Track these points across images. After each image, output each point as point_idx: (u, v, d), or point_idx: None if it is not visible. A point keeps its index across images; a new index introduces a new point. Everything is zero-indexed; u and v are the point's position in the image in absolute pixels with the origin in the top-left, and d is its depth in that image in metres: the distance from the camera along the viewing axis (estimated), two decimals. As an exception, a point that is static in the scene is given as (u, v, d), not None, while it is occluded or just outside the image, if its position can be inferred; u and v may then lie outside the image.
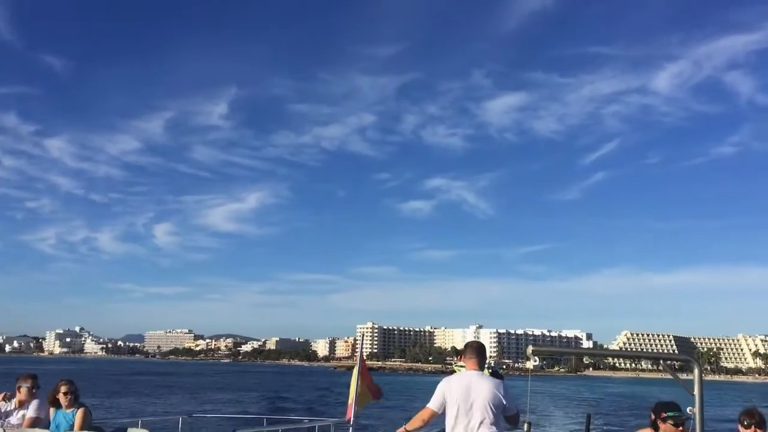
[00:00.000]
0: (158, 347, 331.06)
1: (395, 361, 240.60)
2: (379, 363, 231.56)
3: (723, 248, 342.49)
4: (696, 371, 6.71)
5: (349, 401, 10.30)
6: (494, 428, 5.74)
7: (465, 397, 5.77)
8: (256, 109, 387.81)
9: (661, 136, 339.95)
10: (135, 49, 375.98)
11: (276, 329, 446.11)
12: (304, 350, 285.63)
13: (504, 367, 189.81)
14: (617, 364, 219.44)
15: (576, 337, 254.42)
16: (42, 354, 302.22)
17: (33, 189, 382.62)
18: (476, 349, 6.07)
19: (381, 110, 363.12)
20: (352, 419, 10.03)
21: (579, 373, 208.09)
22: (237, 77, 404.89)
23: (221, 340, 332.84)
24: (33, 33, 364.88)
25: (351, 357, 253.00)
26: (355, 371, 10.30)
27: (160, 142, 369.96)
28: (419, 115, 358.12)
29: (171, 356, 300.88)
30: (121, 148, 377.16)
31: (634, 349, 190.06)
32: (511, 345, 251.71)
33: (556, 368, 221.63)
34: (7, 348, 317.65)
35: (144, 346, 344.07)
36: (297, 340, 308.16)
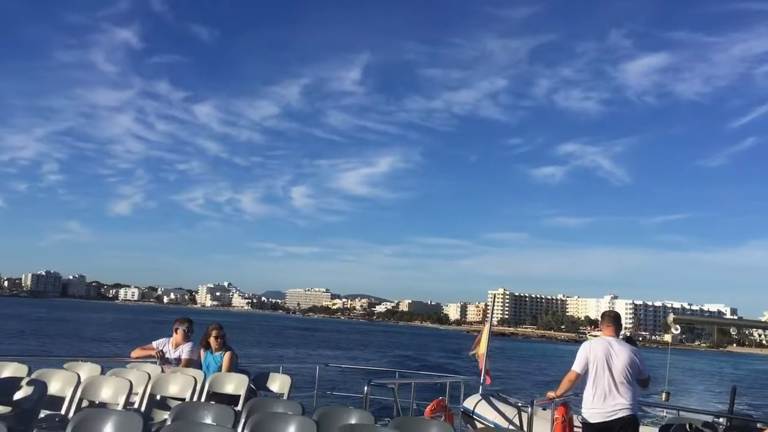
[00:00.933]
0: (298, 304, 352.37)
1: (527, 328, 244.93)
2: (511, 329, 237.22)
3: None
4: None
5: (483, 365, 10.46)
6: (631, 389, 6.46)
7: (605, 360, 6.45)
8: (388, 75, 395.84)
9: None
10: (274, 17, 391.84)
11: (407, 291, 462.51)
12: (436, 313, 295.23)
13: (640, 339, 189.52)
14: (765, 341, 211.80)
15: (719, 312, 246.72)
16: (195, 306, 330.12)
17: (183, 152, 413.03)
18: (613, 318, 6.86)
19: (513, 74, 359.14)
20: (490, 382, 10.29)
21: (722, 348, 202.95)
22: (370, 43, 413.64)
23: (356, 300, 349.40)
24: (182, 4, 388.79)
25: (482, 321, 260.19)
26: (485, 335, 10.83)
27: (296, 108, 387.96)
28: (553, 78, 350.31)
29: (310, 313, 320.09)
30: (261, 114, 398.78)
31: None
32: (648, 317, 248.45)
33: (697, 343, 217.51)
34: (165, 299, 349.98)
35: (285, 303, 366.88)
36: (429, 303, 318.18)
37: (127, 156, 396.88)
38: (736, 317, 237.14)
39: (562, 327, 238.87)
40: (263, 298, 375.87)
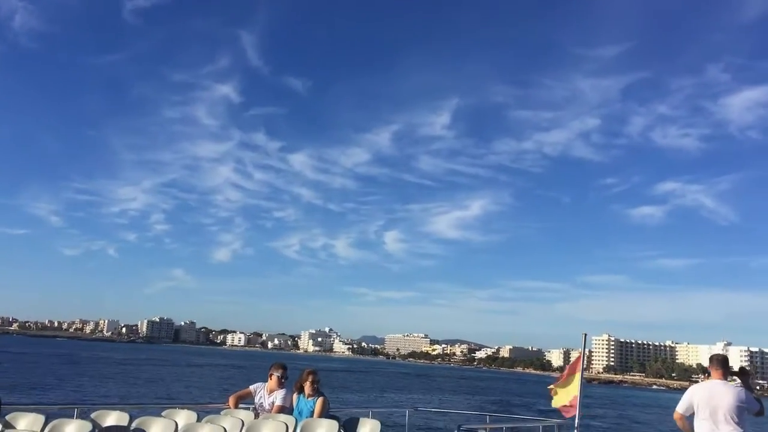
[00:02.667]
0: (397, 349, 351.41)
1: (635, 375, 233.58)
2: (619, 376, 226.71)
3: None
4: None
5: (571, 399, 10.26)
6: (737, 428, 6.68)
7: (708, 402, 6.76)
8: (478, 118, 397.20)
9: None
10: (364, 66, 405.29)
11: (505, 337, 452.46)
12: (538, 359, 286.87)
13: (758, 388, 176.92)
14: None
15: None
16: (298, 351, 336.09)
17: (279, 200, 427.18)
18: (720, 362, 7.12)
19: (605, 113, 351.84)
20: (576, 417, 10.04)
21: None
22: (459, 88, 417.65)
23: (456, 345, 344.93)
24: (277, 58, 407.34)
25: (587, 369, 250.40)
26: (578, 374, 10.34)
27: (388, 153, 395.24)
28: (647, 116, 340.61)
29: (410, 359, 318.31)
30: (353, 161, 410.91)
31: None
32: (766, 364, 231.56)
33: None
34: (270, 345, 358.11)
35: (384, 348, 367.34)
36: (530, 348, 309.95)
37: (227, 205, 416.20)
38: None
39: (673, 375, 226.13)
40: (363, 344, 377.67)
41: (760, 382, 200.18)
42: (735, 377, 7.39)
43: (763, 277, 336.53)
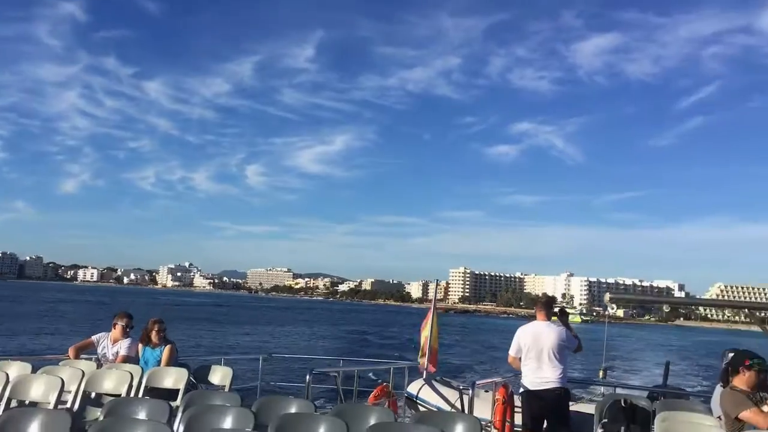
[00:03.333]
0: (260, 284, 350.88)
1: (487, 305, 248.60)
2: (473, 306, 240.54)
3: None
4: None
5: (426, 350, 10.01)
6: (559, 366, 7.18)
7: (534, 342, 7.23)
8: (342, 52, 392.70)
9: (765, 78, 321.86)
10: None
11: (368, 270, 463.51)
12: (398, 291, 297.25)
13: (594, 314, 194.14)
14: (709, 315, 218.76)
15: (668, 288, 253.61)
16: (156, 286, 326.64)
17: (134, 129, 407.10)
18: (544, 304, 7.60)
19: (467, 53, 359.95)
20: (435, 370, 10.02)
21: (670, 322, 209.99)
22: (324, 20, 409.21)
23: (319, 279, 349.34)
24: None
25: (444, 299, 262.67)
26: (431, 319, 10.21)
27: (249, 85, 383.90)
28: (506, 57, 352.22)
29: (273, 293, 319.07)
30: (213, 91, 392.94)
31: (726, 299, 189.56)
32: (602, 293, 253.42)
33: (647, 317, 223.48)
34: (125, 280, 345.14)
35: (246, 282, 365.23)
36: (391, 281, 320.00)
37: (74, 133, 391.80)
38: (683, 293, 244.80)
39: (521, 303, 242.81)
40: (224, 278, 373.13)
41: (597, 308, 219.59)
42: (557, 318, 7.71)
43: (603, 214, 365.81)
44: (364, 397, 8.28)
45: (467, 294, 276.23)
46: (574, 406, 7.64)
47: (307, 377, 7.06)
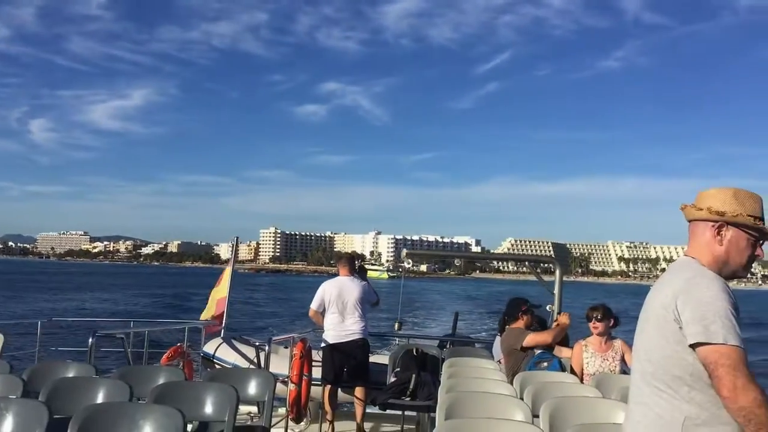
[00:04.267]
0: (52, 248, 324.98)
1: (298, 264, 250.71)
2: (284, 266, 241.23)
3: (601, 159, 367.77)
4: (557, 272, 7.85)
5: (218, 308, 9.86)
6: (361, 319, 7.50)
7: (338, 296, 7.44)
8: (140, 1, 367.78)
9: (552, 48, 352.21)
10: None
11: (176, 232, 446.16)
12: (207, 253, 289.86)
13: (401, 269, 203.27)
14: (501, 268, 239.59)
15: (466, 243, 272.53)
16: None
17: None
18: (348, 260, 7.95)
19: (274, 8, 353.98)
20: (223, 321, 9.80)
21: (467, 275, 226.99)
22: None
23: (120, 242, 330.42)
24: None
25: (254, 260, 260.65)
26: (227, 275, 9.99)
27: (32, 30, 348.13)
28: (314, 15, 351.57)
29: (68, 258, 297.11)
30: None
31: (515, 252, 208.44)
32: (407, 248, 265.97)
33: (447, 271, 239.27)
34: None
35: (36, 247, 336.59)
36: (199, 243, 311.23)
37: None
38: (480, 248, 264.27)
39: (332, 262, 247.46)
40: (9, 243, 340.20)
41: (403, 264, 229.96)
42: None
43: (408, 173, 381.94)
44: (157, 360, 7.95)
45: (278, 254, 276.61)
46: (371, 358, 7.90)
47: (90, 340, 6.56)
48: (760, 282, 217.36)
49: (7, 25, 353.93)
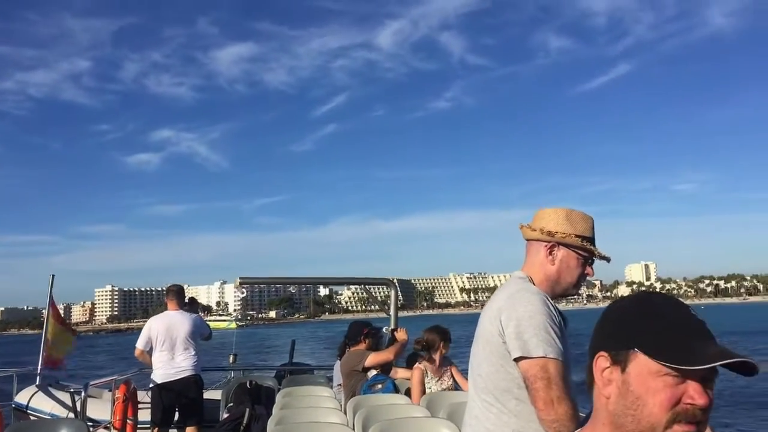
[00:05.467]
0: None
1: (139, 322, 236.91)
2: (125, 325, 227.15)
3: (442, 195, 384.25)
4: (392, 293, 8.31)
5: (48, 351, 9.13)
6: (192, 353, 7.14)
7: (167, 332, 7.06)
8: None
9: (385, 90, 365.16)
10: None
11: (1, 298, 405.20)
12: (36, 318, 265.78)
13: (249, 318, 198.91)
14: (349, 308, 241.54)
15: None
16: None
17: None
18: (176, 293, 7.42)
19: (97, 56, 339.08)
20: (63, 365, 9.38)
21: (317, 318, 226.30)
22: None
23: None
24: None
25: (90, 321, 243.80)
26: (51, 321, 9.42)
27: None
28: (141, 62, 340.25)
29: None
30: None
31: (361, 294, 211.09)
32: (254, 297, 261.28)
33: (297, 315, 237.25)
34: None
35: None
36: (26, 308, 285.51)
37: None
38: (327, 289, 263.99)
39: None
40: None
41: (251, 312, 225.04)
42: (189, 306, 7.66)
43: (251, 219, 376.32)
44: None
45: (116, 313, 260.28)
46: (205, 394, 7.57)
47: None
48: (585, 301, 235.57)
49: None
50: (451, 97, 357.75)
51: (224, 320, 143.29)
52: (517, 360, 2.24)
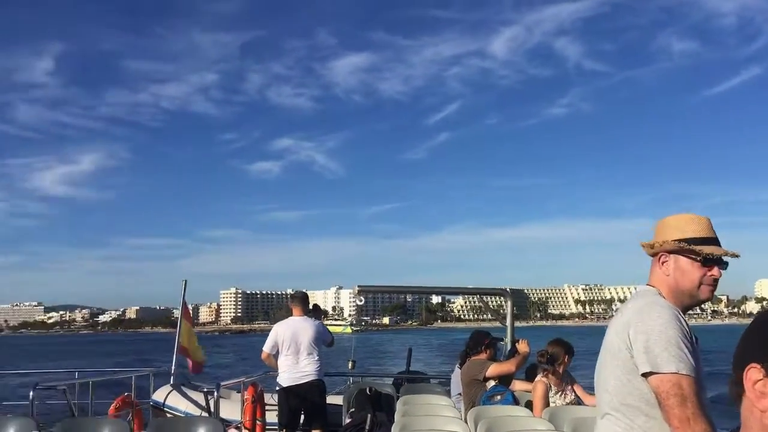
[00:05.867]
0: (5, 321, 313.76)
1: (261, 323, 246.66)
2: (247, 326, 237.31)
3: (556, 203, 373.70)
4: (508, 304, 8.23)
5: (192, 357, 9.84)
6: (316, 359, 7.28)
7: (292, 338, 7.22)
8: (87, 66, 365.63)
9: (499, 98, 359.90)
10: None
11: (133, 298, 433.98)
12: (167, 317, 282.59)
13: (364, 323, 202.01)
14: (462, 316, 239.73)
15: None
16: None
17: None
18: (300, 300, 7.58)
19: (224, 69, 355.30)
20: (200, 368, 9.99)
21: (429, 325, 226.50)
22: (62, 30, 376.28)
23: (76, 311, 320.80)
24: None
25: (216, 322, 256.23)
26: (183, 322, 9.94)
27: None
28: (264, 74, 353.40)
29: (22, 330, 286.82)
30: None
31: (474, 303, 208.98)
32: (368, 303, 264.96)
33: (410, 322, 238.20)
34: None
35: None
36: (158, 308, 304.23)
37: None
38: (440, 297, 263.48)
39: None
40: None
41: (365, 318, 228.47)
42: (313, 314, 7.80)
43: (364, 226, 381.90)
44: (105, 411, 7.72)
45: (239, 314, 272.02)
46: (327, 399, 7.83)
47: (31, 393, 6.41)
48: (709, 317, 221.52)
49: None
50: (567, 104, 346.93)
51: (340, 325, 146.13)
52: (645, 375, 2.18)
